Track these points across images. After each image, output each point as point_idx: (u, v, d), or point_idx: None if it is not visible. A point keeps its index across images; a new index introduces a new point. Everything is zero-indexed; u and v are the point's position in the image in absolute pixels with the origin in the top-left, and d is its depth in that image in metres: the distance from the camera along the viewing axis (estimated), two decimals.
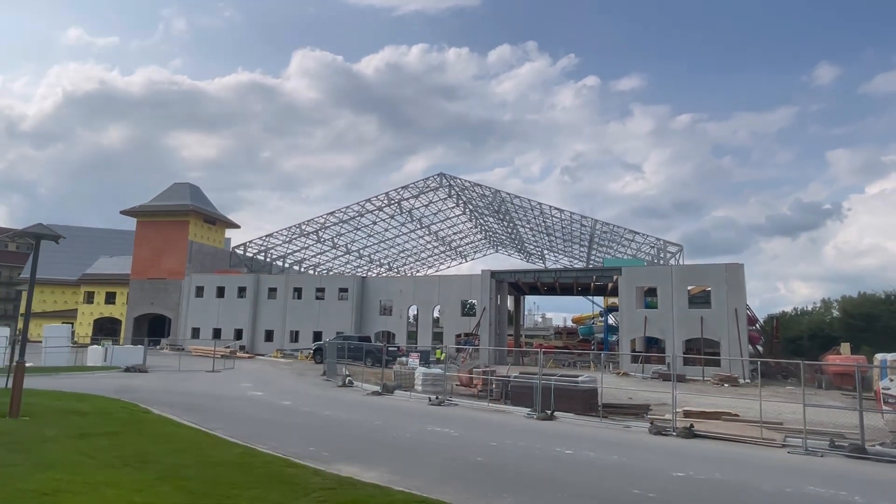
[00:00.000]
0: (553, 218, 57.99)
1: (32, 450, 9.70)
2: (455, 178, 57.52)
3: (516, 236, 70.37)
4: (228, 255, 61.40)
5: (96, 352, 33.43)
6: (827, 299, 66.09)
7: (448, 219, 67.71)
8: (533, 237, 70.44)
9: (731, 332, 37.47)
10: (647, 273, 42.51)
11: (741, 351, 36.71)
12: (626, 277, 41.60)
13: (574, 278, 49.08)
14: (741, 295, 38.28)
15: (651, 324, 39.89)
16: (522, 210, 59.25)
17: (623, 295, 41.68)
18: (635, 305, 41.09)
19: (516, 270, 52.22)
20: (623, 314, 41.86)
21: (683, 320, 39.02)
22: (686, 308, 39.34)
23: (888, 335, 48.31)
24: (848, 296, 61.40)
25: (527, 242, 73.77)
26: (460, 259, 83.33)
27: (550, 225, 61.36)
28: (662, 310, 39.93)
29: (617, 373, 37.33)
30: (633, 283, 41.34)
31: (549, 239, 68.43)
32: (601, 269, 47.58)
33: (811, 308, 67.36)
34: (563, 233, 62.98)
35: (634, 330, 40.71)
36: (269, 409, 17.48)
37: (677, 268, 42.29)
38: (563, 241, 67.19)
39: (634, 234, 52.88)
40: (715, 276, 39.04)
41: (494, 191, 56.67)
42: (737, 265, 39.11)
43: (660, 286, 40.44)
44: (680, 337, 38.96)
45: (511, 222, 64.84)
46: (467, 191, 59.85)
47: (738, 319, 37.44)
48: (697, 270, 40.92)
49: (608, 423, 17.39)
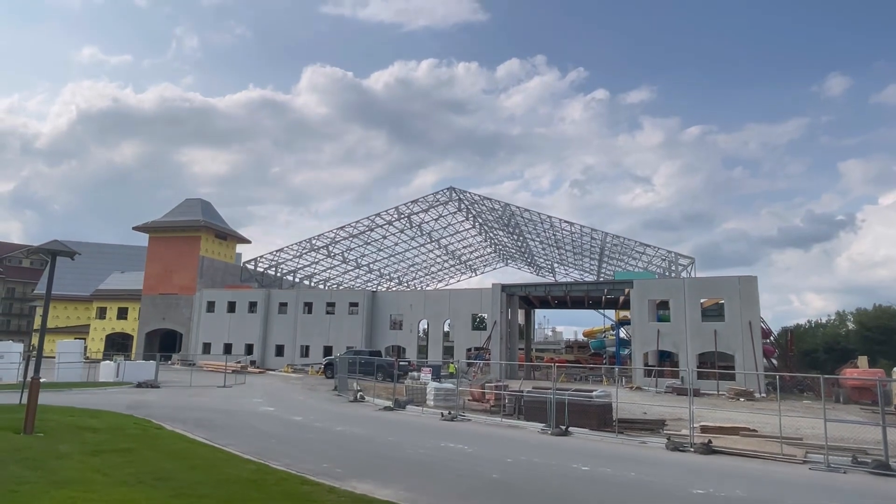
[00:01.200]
0: (563, 231, 57.81)
1: (47, 466, 9.69)
2: (464, 191, 57.61)
3: (526, 250, 70.19)
4: (239, 270, 61.66)
5: (108, 367, 33.52)
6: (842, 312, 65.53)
7: (458, 232, 67.71)
8: (543, 251, 70.16)
9: (746, 345, 36.94)
10: (658, 286, 42.13)
11: (756, 364, 36.19)
12: (638, 290, 41.30)
13: (585, 291, 48.75)
14: (755, 307, 37.83)
15: (664, 337, 39.51)
16: (532, 223, 59.14)
17: (635, 308, 41.33)
18: (647, 318, 40.70)
19: (526, 284, 51.97)
20: (635, 327, 41.44)
21: (697, 333, 38.61)
22: (699, 321, 38.92)
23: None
24: (863, 308, 61.02)
25: (537, 256, 73.51)
26: (470, 273, 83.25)
27: (560, 238, 61.14)
28: (675, 323, 39.52)
29: (630, 387, 36.91)
30: (645, 296, 41.01)
31: (560, 252, 68.17)
32: (612, 282, 47.27)
33: (825, 321, 66.86)
34: (573, 246, 62.72)
35: (647, 343, 40.31)
36: (282, 425, 17.38)
37: (689, 280, 41.91)
38: (574, 255, 66.86)
39: (645, 246, 52.61)
40: (728, 288, 38.66)
41: (504, 204, 56.67)
42: (750, 277, 38.67)
43: (672, 299, 40.07)
44: (693, 350, 38.50)
45: (521, 236, 64.71)
46: (477, 204, 59.88)
47: (752, 332, 36.95)
48: (710, 283, 40.52)
49: (624, 439, 17.14)
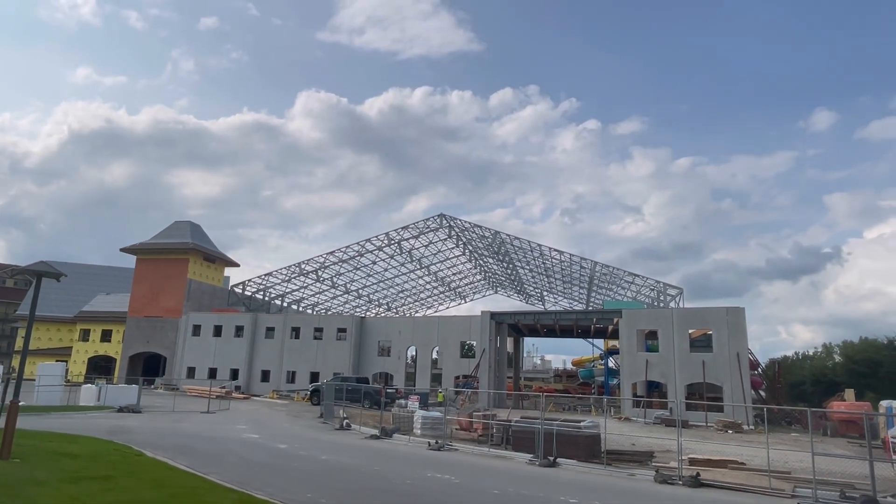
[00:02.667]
0: (553, 259, 58.12)
1: (24, 494, 9.43)
2: (455, 218, 57.90)
3: (516, 277, 70.39)
4: (227, 294, 61.16)
5: (90, 391, 32.89)
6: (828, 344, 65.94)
7: (448, 259, 67.80)
8: (532, 278, 70.40)
9: (734, 376, 37.08)
10: (647, 316, 42.40)
11: (744, 396, 36.27)
12: (627, 320, 41.49)
13: (574, 320, 48.87)
14: (743, 339, 38.07)
15: (652, 367, 39.56)
16: (522, 251, 59.42)
17: (623, 337, 41.47)
18: (636, 348, 40.83)
19: (516, 312, 52.05)
20: (624, 357, 41.51)
21: (685, 364, 38.74)
22: (687, 351, 39.09)
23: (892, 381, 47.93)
24: (849, 341, 61.39)
25: (526, 284, 73.71)
26: (459, 300, 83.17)
27: (550, 266, 61.43)
28: (663, 353, 39.66)
29: (618, 417, 36.85)
30: (634, 326, 41.19)
31: (549, 280, 68.40)
32: (601, 312, 47.39)
33: (812, 353, 67.22)
34: (562, 274, 63.01)
35: (635, 373, 40.36)
36: (265, 453, 17.10)
37: (678, 311, 42.13)
38: (563, 283, 67.14)
39: (634, 276, 52.96)
40: (716, 319, 38.94)
41: (494, 232, 56.97)
42: (737, 308, 38.98)
43: (660, 329, 40.27)
44: (682, 381, 38.59)
45: (511, 263, 64.93)
46: (467, 231, 60.16)
47: (740, 364, 37.13)
48: (698, 314, 40.79)
49: (612, 471, 17.03)
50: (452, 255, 66.77)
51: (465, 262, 70.49)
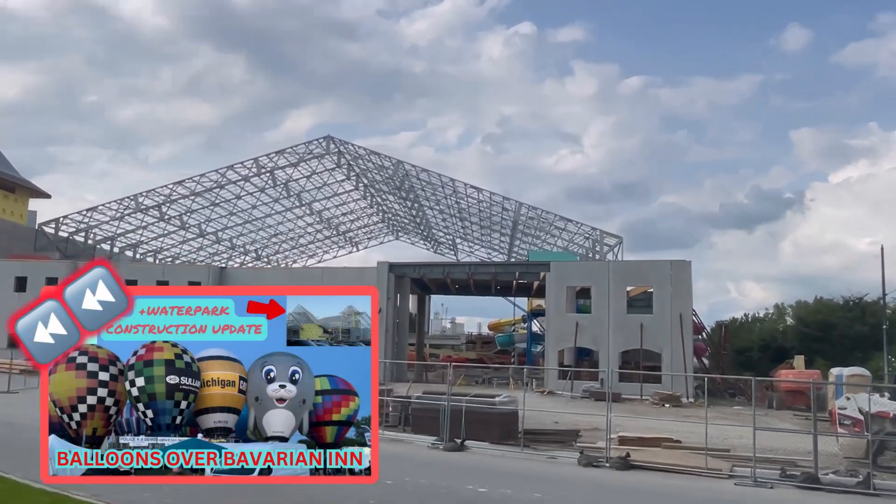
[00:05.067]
0: (469, 199, 58.84)
1: None
2: (347, 143, 56.97)
3: (423, 221, 70.98)
4: (33, 235, 57.65)
5: None
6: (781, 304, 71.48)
7: (336, 195, 66.94)
8: (443, 222, 71.21)
9: (675, 341, 39.70)
10: (580, 269, 44.21)
11: (685, 365, 39.03)
12: (555, 274, 43.09)
13: (492, 274, 50.13)
14: (687, 298, 40.70)
15: (583, 332, 41.59)
16: (431, 187, 59.66)
17: (551, 296, 43.15)
18: (565, 308, 42.65)
19: (421, 263, 52.57)
20: (550, 319, 43.33)
21: (621, 327, 40.97)
22: (624, 313, 41.31)
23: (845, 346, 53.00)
24: (803, 301, 66.94)
25: (435, 229, 74.45)
26: (350, 247, 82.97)
27: (465, 208, 62.31)
28: (597, 314, 41.71)
29: (541, 391, 38.45)
30: (564, 282, 42.86)
31: (464, 225, 69.49)
32: (525, 264, 48.80)
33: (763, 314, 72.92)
34: (480, 218, 64.13)
35: (563, 339, 42.29)
36: None
37: (616, 264, 44.13)
38: (481, 229, 68.39)
39: (567, 221, 54.80)
40: (658, 274, 41.26)
41: (397, 162, 56.67)
42: (684, 262, 41.50)
43: (595, 286, 42.19)
44: (616, 347, 40.88)
45: (417, 203, 65.19)
46: (362, 160, 59.43)
47: (682, 327, 39.73)
48: (639, 268, 43.04)
49: (530, 454, 17.98)
50: (342, 189, 65.95)
51: (358, 200, 69.97)
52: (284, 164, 57.58)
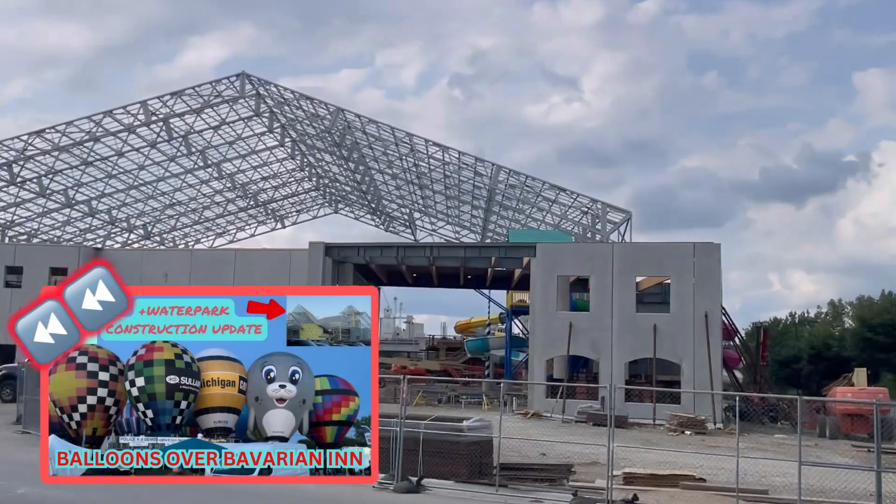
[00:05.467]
0: (432, 161, 58.51)
1: None
2: (269, 83, 56.16)
3: (370, 189, 70.67)
4: None
5: None
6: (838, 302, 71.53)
7: (254, 153, 66.13)
8: (397, 191, 70.90)
9: (699, 349, 39.93)
10: (575, 254, 44.35)
11: (711, 380, 39.31)
12: (543, 260, 43.05)
13: (461, 260, 50.02)
14: (716, 292, 41.03)
15: (579, 335, 41.63)
16: (382, 145, 59.14)
17: (537, 288, 43.15)
18: (555, 305, 42.70)
19: (368, 245, 52.21)
20: (536, 319, 43.41)
21: (628, 330, 41.09)
22: (633, 311, 41.52)
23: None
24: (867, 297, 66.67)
25: (387, 199, 74.21)
26: (274, 222, 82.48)
27: (426, 172, 62.00)
28: (597, 313, 41.80)
29: (524, 413, 38.55)
30: (554, 270, 42.89)
31: (424, 195, 69.29)
32: (504, 247, 48.66)
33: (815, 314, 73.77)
34: (446, 186, 63.91)
35: (553, 345, 42.33)
36: None
37: (623, 248, 44.28)
38: (447, 200, 68.29)
39: (559, 191, 54.75)
40: (678, 261, 41.45)
41: (336, 110, 56.14)
42: (711, 246, 41.80)
43: (594, 275, 42.27)
44: (622, 357, 41.13)
45: (362, 165, 64.67)
46: (289, 107, 58.80)
47: (708, 330, 39.96)
48: (653, 252, 43.33)
49: (508, 495, 17.82)
50: (262, 145, 65.15)
51: (283, 160, 69.36)
52: (183, 111, 56.51)
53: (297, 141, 65.37)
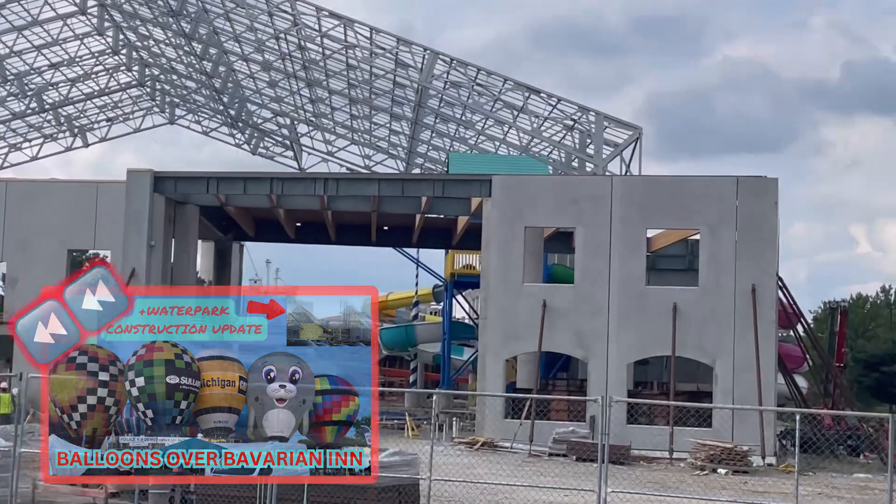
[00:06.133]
0: (329, 42, 58.63)
1: None
2: None
3: (227, 86, 70.53)
4: None
5: None
6: None
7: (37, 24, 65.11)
8: (271, 90, 71.38)
9: (742, 342, 40.53)
10: (553, 194, 44.41)
11: (760, 390, 39.73)
12: (503, 203, 43.37)
13: (372, 201, 49.81)
14: (769, 255, 41.67)
15: (557, 321, 41.96)
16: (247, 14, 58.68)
17: (493, 248, 43.40)
18: (521, 275, 42.91)
19: (223, 175, 51.45)
20: (490, 296, 43.64)
21: (634, 314, 41.64)
22: (641, 284, 42.06)
23: None
24: None
25: (255, 103, 74.85)
26: (71, 137, 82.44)
27: (318, 61, 62.31)
28: (586, 287, 42.26)
29: (469, 442, 38.96)
30: (519, 219, 43.20)
31: (314, 97, 69.90)
32: (442, 180, 48.42)
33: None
34: (349, 83, 64.35)
35: (516, 336, 42.80)
36: None
37: (627, 184, 44.39)
38: (352, 107, 69.02)
39: (530, 93, 54.91)
40: (712, 206, 41.91)
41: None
42: (763, 181, 42.44)
43: (582, 228, 42.67)
44: (623, 353, 41.56)
45: (216, 46, 64.39)
46: None
47: (756, 315, 40.40)
48: (673, 192, 43.51)
49: None
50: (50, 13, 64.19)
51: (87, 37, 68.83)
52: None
53: (105, 6, 64.26)
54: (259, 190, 49.83)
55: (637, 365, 42.84)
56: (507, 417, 41.03)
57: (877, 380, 56.47)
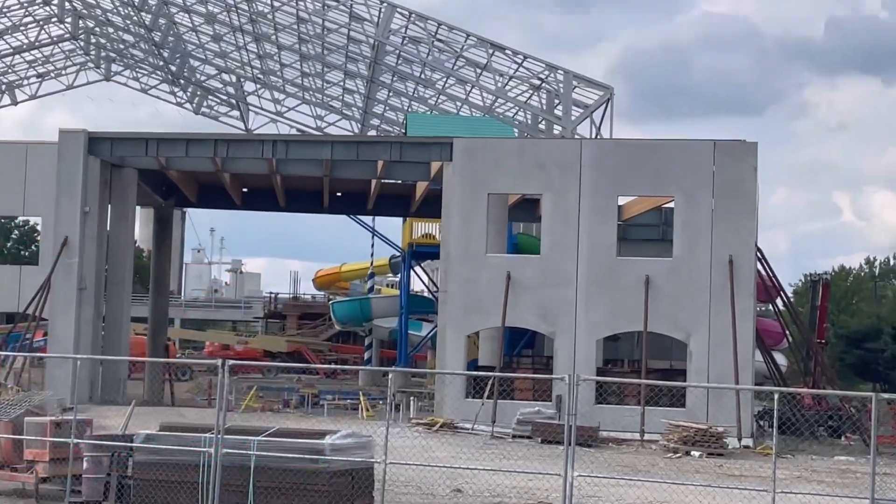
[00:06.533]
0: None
1: None
2: None
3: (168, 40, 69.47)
4: None
5: None
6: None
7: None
8: (215, 44, 71.02)
9: (718, 317, 40.33)
10: (518, 158, 43.64)
11: (737, 368, 39.46)
12: (464, 167, 42.84)
13: (324, 165, 49.36)
14: (747, 224, 41.20)
15: (522, 294, 41.46)
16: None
17: (453, 215, 42.87)
18: (484, 245, 42.41)
19: (164, 136, 51.03)
20: (451, 267, 43.09)
21: (604, 287, 41.37)
22: (612, 254, 41.78)
23: None
24: None
25: (198, 58, 74.39)
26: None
27: (267, 14, 61.61)
28: (553, 258, 41.91)
29: (428, 423, 38.80)
30: (482, 185, 42.65)
31: (262, 52, 69.36)
32: (399, 142, 48.03)
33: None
34: (300, 37, 63.96)
35: (479, 311, 42.53)
36: None
37: (598, 148, 43.88)
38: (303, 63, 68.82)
39: (494, 50, 54.34)
40: (688, 172, 41.56)
41: None
42: (741, 145, 41.92)
43: (549, 194, 42.30)
44: (592, 330, 41.26)
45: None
46: None
47: (734, 287, 40.15)
48: (647, 157, 42.91)
49: None
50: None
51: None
52: None
53: None
54: (202, 152, 49.17)
55: (607, 341, 42.89)
56: (469, 397, 40.85)
57: (860, 357, 57.01)
